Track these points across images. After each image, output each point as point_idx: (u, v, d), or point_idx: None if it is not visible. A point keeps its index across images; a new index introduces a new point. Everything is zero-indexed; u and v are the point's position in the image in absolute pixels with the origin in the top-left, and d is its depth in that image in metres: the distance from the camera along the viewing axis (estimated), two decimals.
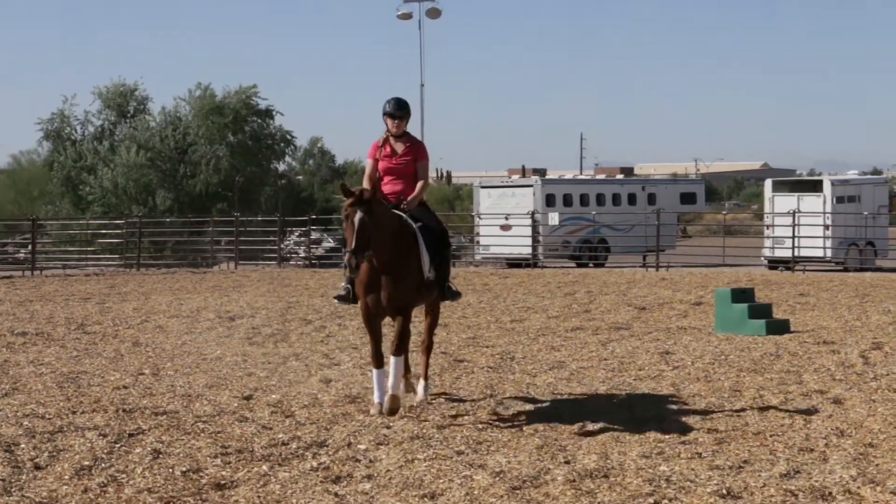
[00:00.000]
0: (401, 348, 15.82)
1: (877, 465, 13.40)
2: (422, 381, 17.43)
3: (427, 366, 17.62)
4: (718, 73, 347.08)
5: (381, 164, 16.07)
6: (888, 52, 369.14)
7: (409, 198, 16.24)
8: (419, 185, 16.57)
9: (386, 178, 16.12)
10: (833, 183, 56.90)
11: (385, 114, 16.02)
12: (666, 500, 11.78)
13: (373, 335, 16.05)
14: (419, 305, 17.50)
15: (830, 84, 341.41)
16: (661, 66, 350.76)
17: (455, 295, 17.23)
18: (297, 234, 61.02)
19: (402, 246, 15.71)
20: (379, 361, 15.99)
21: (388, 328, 16.79)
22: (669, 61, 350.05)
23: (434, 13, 62.73)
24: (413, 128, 18.03)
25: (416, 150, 16.32)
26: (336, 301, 17.25)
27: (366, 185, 15.66)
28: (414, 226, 16.14)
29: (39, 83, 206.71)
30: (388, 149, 16.02)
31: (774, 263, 55.20)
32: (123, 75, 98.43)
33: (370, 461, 13.54)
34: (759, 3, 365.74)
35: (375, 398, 16.00)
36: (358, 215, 14.41)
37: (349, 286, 16.22)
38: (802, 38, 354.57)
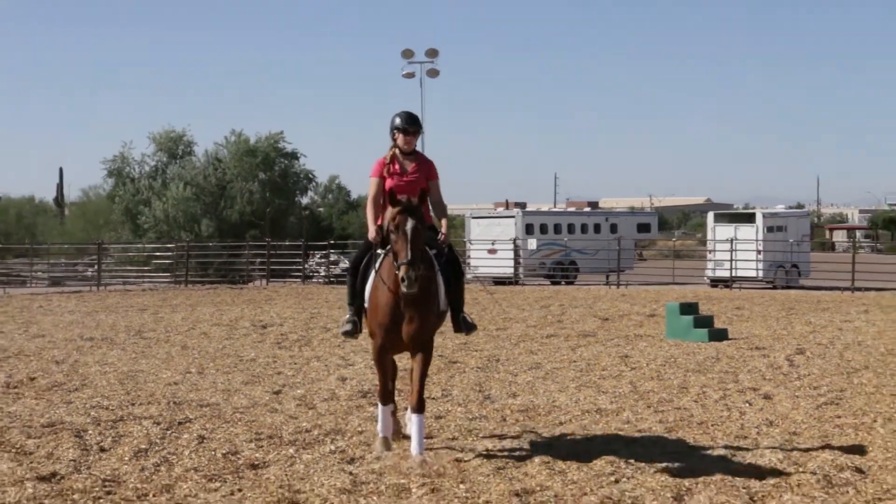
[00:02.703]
0: (423, 403, 12.40)
1: (799, 450, 13.45)
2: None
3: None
4: (670, 121, 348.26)
5: (388, 183, 12.60)
6: (810, 107, 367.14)
7: (443, 230, 12.83)
8: (444, 221, 13.08)
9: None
10: (764, 215, 56.99)
11: (395, 128, 12.64)
12: (625, 479, 11.76)
13: (384, 371, 12.80)
14: None
15: (764, 132, 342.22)
16: (621, 115, 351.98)
17: (471, 328, 13.34)
18: (318, 256, 60.99)
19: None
20: (387, 398, 12.88)
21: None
22: (629, 111, 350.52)
23: (433, 73, 62.57)
24: None
25: (427, 168, 12.89)
26: (343, 336, 13.76)
27: (370, 208, 12.70)
28: (429, 252, 12.70)
29: (102, 129, 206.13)
30: (397, 166, 12.69)
31: (715, 282, 55.15)
32: (173, 123, 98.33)
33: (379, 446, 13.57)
34: (709, 60, 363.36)
35: (380, 432, 12.92)
36: (410, 223, 11.52)
37: (355, 319, 13.02)
38: (740, 95, 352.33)
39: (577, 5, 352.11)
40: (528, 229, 59.86)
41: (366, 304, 12.80)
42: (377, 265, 12.50)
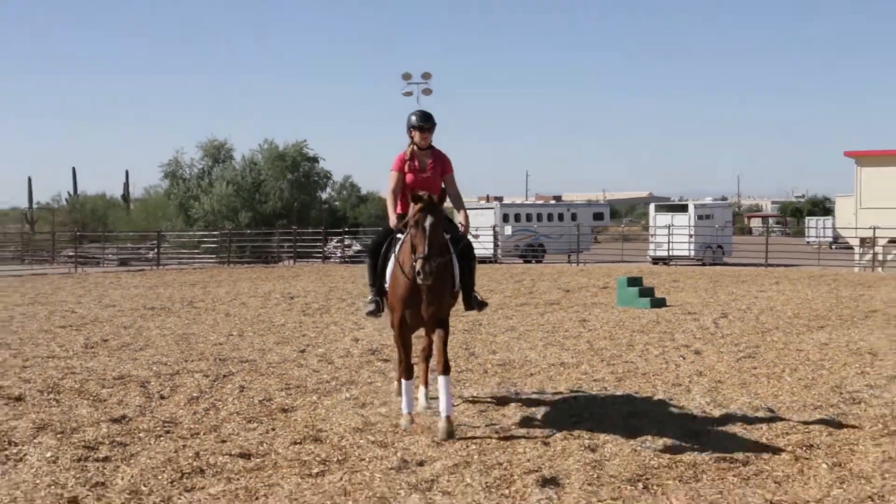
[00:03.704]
0: (448, 366, 11.34)
1: (723, 394, 13.62)
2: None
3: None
4: (620, 127, 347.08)
5: (408, 178, 11.78)
6: (733, 114, 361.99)
7: (462, 221, 11.98)
8: (464, 212, 12.18)
9: (410, 191, 11.54)
10: (695, 206, 56.92)
11: (412, 126, 11.75)
12: (583, 420, 11.89)
13: (406, 347, 11.78)
14: None
15: (696, 136, 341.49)
16: (581, 123, 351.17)
17: (482, 305, 12.49)
18: (335, 241, 61.03)
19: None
20: (409, 373, 11.79)
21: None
22: (587, 120, 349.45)
23: (427, 92, 62.50)
24: None
25: (443, 162, 11.98)
26: (367, 316, 12.56)
27: (390, 198, 11.82)
28: (446, 237, 11.70)
29: (158, 138, 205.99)
30: (416, 163, 11.81)
31: (656, 260, 54.99)
32: (216, 133, 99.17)
33: (385, 394, 13.64)
34: (653, 74, 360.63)
35: (404, 409, 11.67)
36: (429, 220, 10.71)
37: (378, 299, 12.00)
38: (679, 104, 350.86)
39: (537, 40, 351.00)
40: (505, 218, 59.94)
41: (386, 286, 11.76)
42: (397, 249, 11.54)
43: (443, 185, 12.00)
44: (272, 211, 68.15)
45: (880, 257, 46.41)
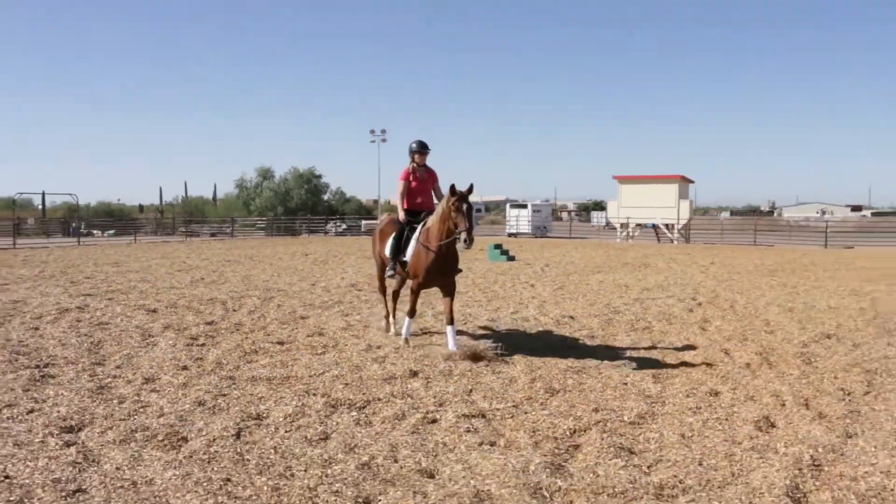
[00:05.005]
0: (453, 318, 9.89)
1: (546, 309, 13.94)
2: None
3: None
4: (487, 140, 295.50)
5: (412, 185, 10.41)
6: (573, 127, 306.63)
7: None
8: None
9: (413, 194, 10.43)
10: (531, 205, 57.52)
11: (414, 151, 10.34)
12: (468, 320, 12.06)
13: (417, 298, 10.24)
14: None
15: (533, 153, 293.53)
16: (457, 143, 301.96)
17: (458, 271, 10.52)
18: (331, 223, 61.71)
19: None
20: (413, 313, 10.37)
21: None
22: (460, 139, 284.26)
23: (384, 140, 62.87)
24: (371, 189, 16.54)
25: (433, 175, 10.61)
26: (388, 279, 11.23)
27: (399, 201, 10.43)
28: None
29: (227, 165, 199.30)
30: (417, 175, 10.43)
31: (511, 235, 55.76)
32: (264, 161, 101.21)
33: (359, 309, 13.76)
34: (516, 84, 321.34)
35: (404, 333, 10.42)
36: (466, 205, 9.21)
37: (395, 268, 10.43)
38: (527, 120, 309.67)
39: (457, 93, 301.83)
40: None
41: (406, 258, 10.10)
42: (418, 234, 9.98)
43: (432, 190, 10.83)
44: (296, 206, 70.75)
45: (631, 234, 48.18)
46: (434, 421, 6.93)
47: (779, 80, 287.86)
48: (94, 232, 57.19)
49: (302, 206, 71.30)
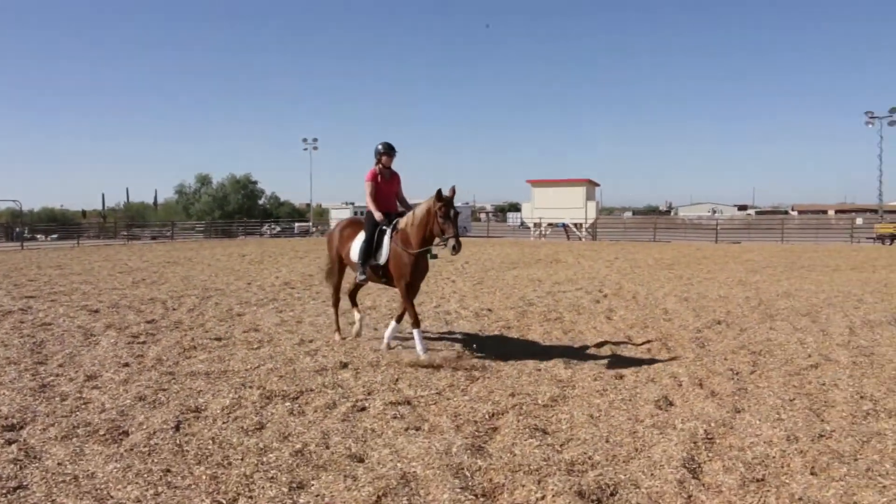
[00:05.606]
0: (419, 321, 9.01)
1: (466, 302, 13.79)
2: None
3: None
4: (411, 146, 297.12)
5: (378, 186, 9.34)
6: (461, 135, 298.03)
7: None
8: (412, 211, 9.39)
9: (379, 196, 9.33)
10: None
11: (381, 153, 9.23)
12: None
13: (413, 307, 8.96)
14: None
15: (456, 154, 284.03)
16: (412, 148, 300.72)
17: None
18: (266, 226, 60.68)
19: None
20: (418, 322, 8.96)
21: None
22: (410, 142, 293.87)
23: (315, 148, 62.54)
24: (304, 193, 15.93)
25: (396, 179, 9.47)
26: (360, 282, 9.55)
27: (370, 202, 9.31)
28: None
29: (168, 170, 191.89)
30: (382, 177, 9.31)
31: None
32: (202, 169, 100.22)
33: (292, 305, 13.43)
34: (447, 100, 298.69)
35: (386, 338, 9.46)
36: (453, 211, 8.51)
37: (365, 272, 9.28)
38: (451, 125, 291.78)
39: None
40: (358, 213, 59.43)
41: (381, 262, 9.08)
42: (389, 237, 9.09)
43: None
44: (233, 210, 69.88)
45: (543, 233, 48.58)
46: (363, 409, 6.89)
47: (673, 88, 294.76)
48: (38, 236, 55.06)
49: (239, 210, 70.68)
